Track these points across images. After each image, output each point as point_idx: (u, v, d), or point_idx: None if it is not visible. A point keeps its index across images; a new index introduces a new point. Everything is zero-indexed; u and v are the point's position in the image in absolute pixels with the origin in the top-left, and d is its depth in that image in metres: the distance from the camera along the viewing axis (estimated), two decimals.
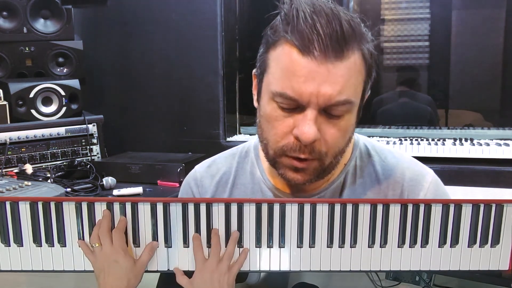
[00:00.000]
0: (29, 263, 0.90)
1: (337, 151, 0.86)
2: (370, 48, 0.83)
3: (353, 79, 0.80)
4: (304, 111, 0.80)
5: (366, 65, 0.83)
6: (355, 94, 0.81)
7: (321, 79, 0.77)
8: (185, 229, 0.89)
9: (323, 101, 0.78)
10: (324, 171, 0.88)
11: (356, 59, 0.80)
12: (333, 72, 0.77)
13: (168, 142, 2.35)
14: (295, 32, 0.78)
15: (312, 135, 0.79)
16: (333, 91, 0.78)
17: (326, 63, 0.77)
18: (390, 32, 2.48)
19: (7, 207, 0.88)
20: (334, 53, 0.77)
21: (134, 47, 2.37)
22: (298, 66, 0.78)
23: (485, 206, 0.88)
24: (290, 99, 0.79)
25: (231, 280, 0.89)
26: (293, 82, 0.78)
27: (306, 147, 0.81)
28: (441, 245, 0.89)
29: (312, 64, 0.77)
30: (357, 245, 0.88)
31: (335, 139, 0.83)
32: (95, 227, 0.89)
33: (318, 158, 0.84)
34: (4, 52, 2.12)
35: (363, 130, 2.34)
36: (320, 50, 0.76)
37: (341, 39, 0.77)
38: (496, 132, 2.20)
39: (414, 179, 0.96)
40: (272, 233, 0.88)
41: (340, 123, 0.82)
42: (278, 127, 0.83)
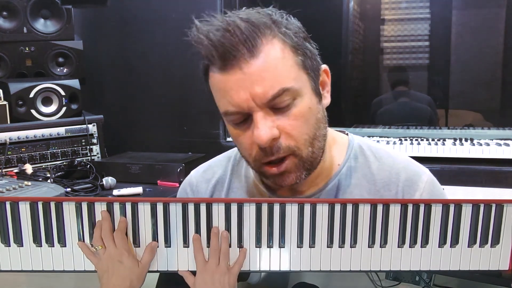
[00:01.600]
0: (29, 263, 0.90)
1: (307, 138, 0.84)
2: (289, 30, 0.83)
3: (279, 67, 0.80)
4: (253, 118, 0.82)
5: (290, 47, 0.82)
6: (289, 79, 0.81)
7: (247, 83, 0.79)
8: (185, 229, 0.89)
9: (259, 100, 0.79)
10: (310, 163, 0.87)
11: (273, 49, 0.80)
12: (253, 72, 0.79)
13: (168, 142, 2.35)
14: (208, 55, 0.81)
15: (266, 136, 0.80)
16: (264, 87, 0.79)
17: (244, 67, 0.79)
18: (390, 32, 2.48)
19: (7, 207, 0.88)
20: (246, 56, 0.78)
21: (134, 47, 2.37)
22: (224, 82, 0.81)
23: (485, 206, 0.88)
24: (234, 113, 0.82)
25: (232, 280, 0.89)
26: (228, 98, 0.81)
27: (272, 148, 0.82)
28: (441, 245, 0.89)
29: (234, 74, 0.79)
30: (357, 245, 0.88)
31: (296, 128, 0.82)
32: (96, 229, 0.89)
33: (292, 153, 0.84)
34: (4, 52, 2.12)
35: (363, 130, 2.34)
36: (233, 60, 0.78)
37: (245, 40, 0.78)
38: (496, 132, 2.20)
39: (409, 179, 0.95)
40: (272, 233, 0.88)
41: (293, 112, 0.82)
42: (243, 141, 0.86)
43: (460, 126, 2.33)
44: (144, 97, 2.40)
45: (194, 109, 2.31)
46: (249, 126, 0.83)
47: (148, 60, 2.35)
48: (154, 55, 2.33)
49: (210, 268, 0.88)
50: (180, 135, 2.34)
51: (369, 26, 2.56)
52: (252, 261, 0.90)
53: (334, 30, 2.47)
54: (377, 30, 2.51)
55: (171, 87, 2.34)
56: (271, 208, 0.88)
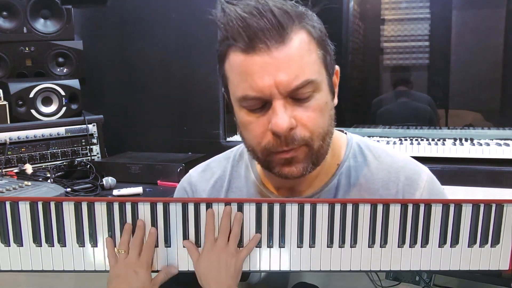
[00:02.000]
0: (29, 263, 0.90)
1: (321, 132, 0.84)
2: (314, 23, 0.83)
3: (305, 58, 0.80)
4: (271, 105, 0.81)
5: (315, 40, 0.83)
6: (313, 72, 0.81)
7: (273, 69, 0.78)
8: (185, 229, 0.89)
9: (283, 88, 0.79)
10: (317, 157, 0.86)
11: (301, 39, 0.80)
12: (282, 59, 0.78)
13: (168, 142, 2.35)
14: (235, 36, 0.80)
15: (285, 124, 0.79)
16: (289, 76, 0.78)
17: (272, 52, 0.78)
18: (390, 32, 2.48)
19: (7, 207, 0.88)
20: (276, 40, 0.78)
21: (134, 47, 2.37)
22: (248, 65, 0.79)
23: (485, 206, 0.88)
24: (253, 99, 0.81)
25: (239, 264, 0.87)
26: (250, 82, 0.80)
27: (286, 138, 0.81)
28: (441, 245, 0.89)
29: (260, 59, 0.78)
30: (357, 245, 0.88)
31: (312, 120, 0.82)
32: (125, 232, 0.88)
33: (305, 144, 0.83)
34: (4, 52, 2.12)
35: (363, 130, 2.34)
36: (261, 43, 0.77)
37: (277, 26, 0.78)
38: (496, 132, 2.20)
39: (409, 178, 0.94)
40: (272, 233, 0.88)
41: (311, 104, 0.82)
42: (255, 129, 0.84)
43: (460, 126, 2.33)
44: (144, 97, 2.40)
45: (194, 109, 2.31)
46: (265, 114, 0.82)
47: (148, 60, 2.35)
48: (154, 55, 2.33)
49: (218, 247, 0.87)
50: (180, 135, 2.34)
51: (369, 26, 2.56)
52: (252, 261, 0.90)
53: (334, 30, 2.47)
54: (377, 30, 2.51)
55: (171, 87, 2.34)
56: (271, 208, 0.88)
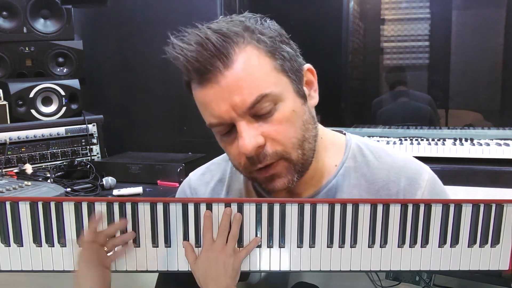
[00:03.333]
0: (29, 263, 0.90)
1: (296, 142, 0.83)
2: (262, 35, 0.82)
3: (255, 74, 0.80)
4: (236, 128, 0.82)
5: (266, 52, 0.81)
6: (267, 85, 0.80)
7: (225, 94, 0.79)
8: (185, 229, 0.89)
9: (240, 110, 0.79)
10: (302, 165, 0.86)
11: (247, 57, 0.80)
12: (230, 82, 0.79)
13: (168, 142, 2.35)
14: (185, 71, 0.82)
15: (250, 146, 0.80)
16: (241, 96, 0.79)
17: (220, 79, 0.79)
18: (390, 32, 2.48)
19: (7, 207, 0.88)
20: (221, 66, 0.78)
21: (134, 47, 2.37)
22: (204, 96, 0.82)
23: (485, 206, 0.88)
24: (217, 125, 0.83)
25: (237, 264, 0.87)
26: (209, 111, 0.82)
27: (258, 156, 0.81)
28: (441, 245, 0.89)
29: (211, 88, 0.80)
30: (357, 245, 0.88)
31: (281, 133, 0.82)
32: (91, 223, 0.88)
33: (282, 158, 0.83)
34: (4, 52, 2.12)
35: (363, 130, 2.34)
36: (208, 73, 0.79)
37: (218, 53, 0.78)
38: (496, 132, 2.20)
39: (410, 178, 0.93)
40: (272, 233, 0.88)
41: (275, 117, 0.81)
42: (230, 152, 0.87)
43: (460, 126, 2.33)
44: (144, 97, 2.39)
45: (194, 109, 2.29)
46: (235, 136, 0.83)
47: (148, 60, 2.35)
48: (154, 55, 2.32)
49: (216, 247, 0.87)
50: (180, 135, 2.34)
51: (369, 26, 2.56)
52: (252, 261, 0.90)
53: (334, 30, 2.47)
54: (377, 30, 2.51)
55: (171, 87, 2.34)
56: (271, 208, 0.88)
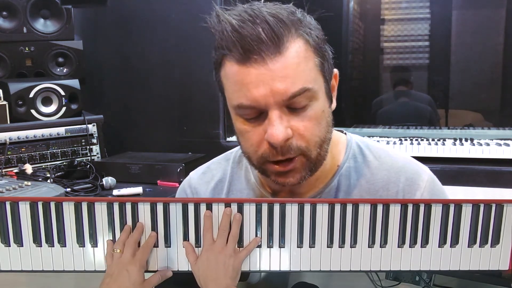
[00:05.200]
0: (29, 263, 0.90)
1: (318, 141, 0.83)
2: (311, 30, 0.82)
3: (302, 66, 0.79)
4: (267, 115, 0.80)
5: (312, 47, 0.81)
6: (309, 80, 0.80)
7: (268, 78, 0.77)
8: (185, 229, 0.89)
9: (280, 97, 0.78)
10: (315, 164, 0.86)
11: (297, 47, 0.79)
12: (277, 68, 0.77)
13: (168, 142, 2.35)
14: (229, 46, 0.79)
15: (281, 135, 0.79)
16: (285, 85, 0.77)
17: (268, 62, 0.77)
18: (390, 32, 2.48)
19: (7, 207, 0.88)
20: (271, 50, 0.77)
21: (134, 47, 2.37)
22: (243, 75, 0.79)
23: (485, 206, 0.88)
24: (248, 107, 0.80)
25: (238, 264, 0.87)
26: (244, 92, 0.79)
27: (282, 148, 0.81)
28: (441, 245, 0.89)
29: (255, 69, 0.77)
30: (357, 245, 0.88)
31: (309, 130, 0.82)
32: (123, 232, 0.89)
33: (302, 154, 0.83)
34: (4, 52, 2.12)
35: (363, 130, 2.35)
36: (256, 53, 0.77)
37: (272, 36, 0.77)
38: (496, 132, 2.20)
39: (410, 179, 0.94)
40: (272, 233, 0.88)
41: (308, 113, 0.81)
42: (251, 138, 0.83)
43: (460, 126, 2.33)
44: (144, 97, 2.40)
45: (194, 109, 2.31)
46: (261, 123, 0.81)
47: (148, 60, 2.35)
48: (154, 55, 2.33)
49: (217, 248, 0.86)
50: (180, 135, 2.34)
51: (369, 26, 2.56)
52: (252, 261, 0.90)
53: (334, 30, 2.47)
54: (377, 30, 2.51)
55: (171, 87, 2.34)
56: (271, 208, 0.88)
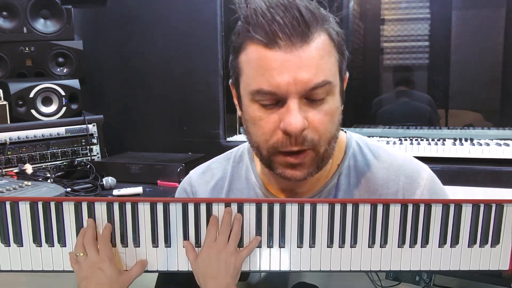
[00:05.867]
0: (29, 263, 0.90)
1: (329, 136, 0.84)
2: (334, 27, 0.83)
3: (325, 59, 0.80)
4: (286, 103, 0.79)
5: (335, 44, 0.82)
6: (331, 74, 0.81)
7: (293, 66, 0.77)
8: (185, 229, 0.89)
9: (301, 87, 0.78)
10: (322, 161, 0.86)
11: (323, 40, 0.80)
12: (303, 57, 0.77)
13: (168, 142, 2.35)
14: (257, 29, 0.78)
15: (299, 125, 0.78)
16: (309, 75, 0.77)
17: (294, 50, 0.77)
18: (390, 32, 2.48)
19: (7, 207, 0.88)
20: (299, 39, 0.77)
21: (134, 47, 2.37)
22: (268, 60, 0.78)
23: (485, 206, 0.88)
24: (268, 93, 0.79)
25: (239, 263, 0.86)
26: (267, 77, 0.78)
27: (297, 138, 0.80)
28: (441, 245, 0.89)
29: (281, 55, 0.77)
30: (357, 245, 0.88)
31: (324, 124, 0.82)
32: (79, 235, 0.88)
33: (312, 148, 0.83)
34: (4, 52, 2.12)
35: (363, 130, 2.34)
36: (284, 39, 0.76)
37: (303, 24, 0.77)
38: (496, 132, 2.20)
39: (409, 177, 0.94)
40: (272, 233, 0.88)
41: (324, 107, 0.81)
42: (265, 125, 0.82)
43: (460, 126, 2.33)
44: (144, 97, 2.40)
45: (194, 109, 2.31)
46: (277, 111, 0.81)
47: (148, 60, 2.35)
48: (154, 55, 2.33)
49: (218, 245, 0.86)
50: (180, 135, 2.34)
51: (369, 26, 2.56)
52: (252, 261, 0.90)
53: None
54: (377, 30, 2.51)
55: (171, 87, 2.34)
56: (271, 208, 0.88)
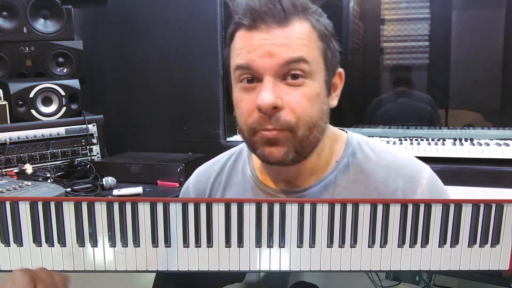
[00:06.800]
0: (29, 263, 0.90)
1: (308, 121, 0.85)
2: (320, 19, 0.88)
3: (304, 41, 0.84)
4: (262, 82, 0.84)
5: (317, 33, 0.86)
6: (309, 56, 0.84)
7: (269, 43, 0.83)
8: (185, 229, 0.89)
9: (275, 61, 0.82)
10: (302, 147, 0.87)
11: (303, 27, 0.85)
12: (279, 36, 0.83)
13: (168, 142, 2.35)
14: (242, 16, 0.85)
15: (270, 100, 0.81)
16: (283, 50, 0.82)
17: (272, 30, 0.83)
18: (390, 32, 2.48)
19: (7, 207, 0.88)
20: (278, 23, 0.83)
21: (134, 47, 2.37)
22: (248, 39, 0.85)
23: (485, 206, 0.88)
24: (245, 67, 0.84)
25: None
26: (244, 53, 0.85)
27: (271, 116, 0.83)
28: (441, 245, 0.89)
29: (259, 34, 0.83)
30: (357, 245, 0.88)
31: (301, 107, 0.84)
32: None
33: (289, 129, 0.85)
34: (4, 52, 2.12)
35: (363, 130, 2.35)
36: (264, 22, 0.83)
37: (282, 12, 0.83)
38: (496, 132, 2.20)
39: (410, 176, 0.95)
40: (272, 233, 0.88)
41: (303, 90, 0.84)
42: (244, 106, 0.87)
43: (460, 126, 2.33)
44: (144, 97, 2.40)
45: (194, 109, 2.31)
46: (255, 91, 0.85)
47: (148, 60, 2.35)
48: (154, 55, 2.33)
49: None
50: (180, 135, 2.34)
51: (369, 26, 2.56)
52: (252, 261, 0.90)
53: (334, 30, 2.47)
54: (377, 30, 2.51)
55: (171, 87, 2.35)
56: (271, 208, 0.88)
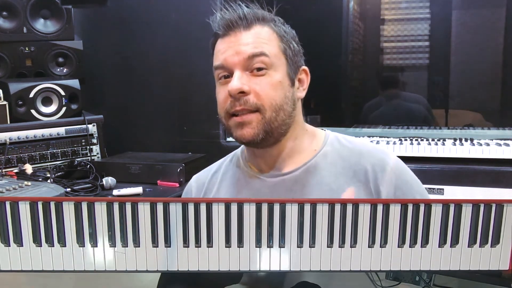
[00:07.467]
0: (29, 263, 0.90)
1: (274, 104, 1.03)
2: (281, 28, 1.08)
3: (264, 40, 1.04)
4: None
5: (277, 35, 1.07)
6: (270, 52, 1.04)
7: (236, 44, 1.04)
8: (185, 229, 0.89)
9: (242, 56, 1.02)
10: (271, 128, 1.04)
11: (264, 30, 1.06)
12: (244, 38, 1.04)
13: (168, 142, 2.35)
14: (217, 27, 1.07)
15: (236, 85, 1.01)
16: (247, 47, 1.03)
17: (238, 34, 1.05)
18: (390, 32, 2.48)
19: (7, 207, 0.88)
20: (242, 28, 1.05)
21: (134, 47, 2.37)
22: (222, 45, 1.06)
23: (485, 206, 0.88)
24: (220, 67, 1.05)
25: None
26: (219, 56, 1.06)
27: (240, 99, 1.02)
28: (441, 245, 0.89)
29: (229, 39, 1.05)
30: (357, 245, 0.88)
31: (265, 91, 1.03)
32: None
33: (257, 110, 1.02)
34: (4, 52, 2.13)
35: (363, 130, 2.34)
36: (232, 29, 1.05)
37: (244, 19, 1.05)
38: (496, 132, 2.20)
39: (379, 158, 1.09)
40: (272, 233, 0.88)
41: (266, 79, 1.03)
42: (220, 96, 1.07)
43: (460, 126, 2.33)
44: (144, 97, 2.40)
45: (194, 109, 2.31)
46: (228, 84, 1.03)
47: (148, 60, 2.35)
48: (154, 55, 2.33)
49: None
50: (180, 135, 2.34)
51: (369, 26, 2.56)
52: (252, 261, 0.90)
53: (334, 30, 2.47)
54: (377, 30, 2.51)
55: (171, 87, 2.35)
56: (271, 208, 0.88)
